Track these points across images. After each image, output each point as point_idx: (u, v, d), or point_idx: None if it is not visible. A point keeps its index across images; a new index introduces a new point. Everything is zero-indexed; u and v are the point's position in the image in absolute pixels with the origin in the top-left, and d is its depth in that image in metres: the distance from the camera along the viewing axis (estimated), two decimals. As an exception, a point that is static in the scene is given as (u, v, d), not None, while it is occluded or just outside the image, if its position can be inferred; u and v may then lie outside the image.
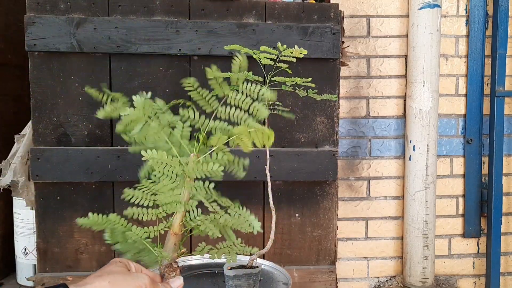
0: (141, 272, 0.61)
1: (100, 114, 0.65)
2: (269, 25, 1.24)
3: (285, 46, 0.74)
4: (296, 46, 0.73)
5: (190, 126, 0.68)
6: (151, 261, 0.65)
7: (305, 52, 0.65)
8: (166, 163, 0.63)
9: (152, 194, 0.67)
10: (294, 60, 0.76)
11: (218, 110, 0.67)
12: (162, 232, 0.68)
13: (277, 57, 0.77)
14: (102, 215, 0.65)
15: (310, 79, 0.67)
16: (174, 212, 0.65)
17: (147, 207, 0.68)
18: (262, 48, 0.82)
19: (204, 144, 0.66)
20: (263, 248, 0.70)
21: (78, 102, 1.22)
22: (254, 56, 0.80)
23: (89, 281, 0.54)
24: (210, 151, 0.65)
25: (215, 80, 0.67)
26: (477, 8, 1.68)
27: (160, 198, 0.65)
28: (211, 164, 0.62)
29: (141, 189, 0.67)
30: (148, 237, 0.67)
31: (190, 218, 0.65)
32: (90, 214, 0.65)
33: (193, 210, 0.66)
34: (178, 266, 0.63)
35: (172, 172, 0.64)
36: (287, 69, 0.96)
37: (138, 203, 0.67)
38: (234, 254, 0.70)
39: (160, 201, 0.65)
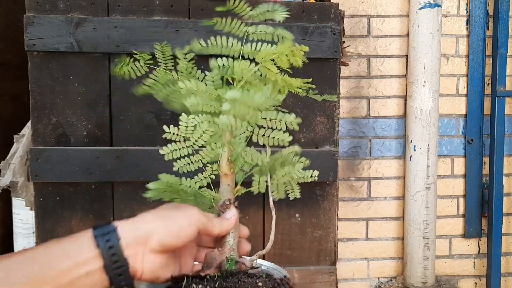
0: None
1: (141, 90, 0.59)
2: (269, 25, 1.23)
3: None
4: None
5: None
6: (205, 208, 0.62)
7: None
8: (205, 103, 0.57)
9: (189, 146, 0.64)
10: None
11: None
12: (213, 177, 0.65)
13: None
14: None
15: (310, 79, 0.66)
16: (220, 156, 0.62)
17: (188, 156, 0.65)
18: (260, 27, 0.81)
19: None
20: (263, 248, 0.70)
21: (77, 102, 1.21)
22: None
23: (137, 217, 0.51)
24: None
25: None
26: (478, 8, 1.67)
27: (200, 138, 0.61)
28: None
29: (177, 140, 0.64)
30: (202, 186, 0.64)
31: (236, 154, 0.61)
32: (161, 176, 0.63)
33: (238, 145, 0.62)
34: (231, 203, 0.60)
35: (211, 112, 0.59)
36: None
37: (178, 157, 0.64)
38: (296, 186, 0.67)
39: (206, 143, 0.62)
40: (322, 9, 1.27)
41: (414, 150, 1.60)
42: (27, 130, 1.37)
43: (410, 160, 1.61)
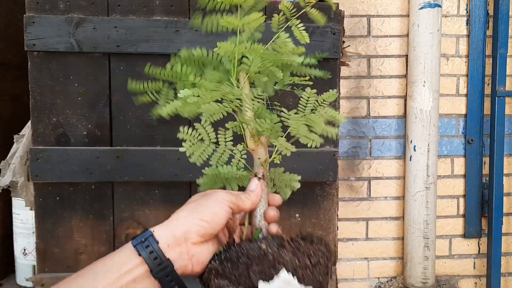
0: None
1: (165, 110, 0.55)
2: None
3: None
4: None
5: None
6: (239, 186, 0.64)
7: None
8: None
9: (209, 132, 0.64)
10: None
11: None
12: (245, 157, 0.65)
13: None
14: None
15: (307, 77, 0.66)
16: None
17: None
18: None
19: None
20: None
21: (77, 102, 1.21)
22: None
23: (170, 218, 0.53)
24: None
25: None
26: (478, 8, 1.67)
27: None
28: None
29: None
30: (241, 168, 0.65)
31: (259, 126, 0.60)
32: (206, 170, 0.63)
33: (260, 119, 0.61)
34: (255, 175, 0.61)
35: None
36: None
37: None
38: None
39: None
40: (322, 9, 1.27)
41: (414, 150, 1.60)
42: (27, 130, 1.37)
43: (410, 160, 1.61)
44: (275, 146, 0.64)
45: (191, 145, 0.63)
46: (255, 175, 0.61)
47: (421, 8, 1.55)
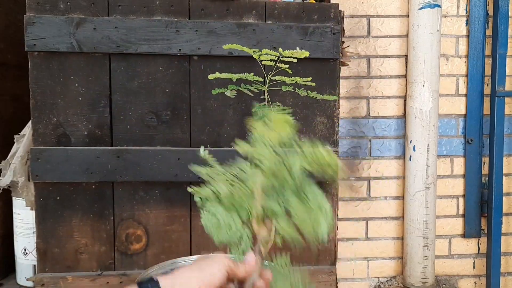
0: None
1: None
2: (269, 25, 1.24)
3: (286, 52, 0.74)
4: (298, 48, 0.73)
5: None
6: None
7: (307, 54, 0.65)
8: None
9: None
10: (295, 60, 0.76)
11: None
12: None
13: (278, 58, 0.77)
14: None
15: (310, 78, 0.67)
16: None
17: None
18: (264, 51, 0.81)
19: None
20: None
21: (77, 102, 1.21)
22: (254, 56, 0.80)
23: (175, 273, 0.58)
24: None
25: None
26: (478, 8, 1.68)
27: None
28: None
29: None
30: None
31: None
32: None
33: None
34: (254, 250, 0.67)
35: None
36: (287, 69, 0.96)
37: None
38: None
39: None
40: (322, 9, 1.27)
41: (414, 150, 1.60)
42: (27, 130, 1.37)
43: (410, 160, 1.62)
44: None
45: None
46: (253, 250, 0.66)
47: (421, 8, 1.56)
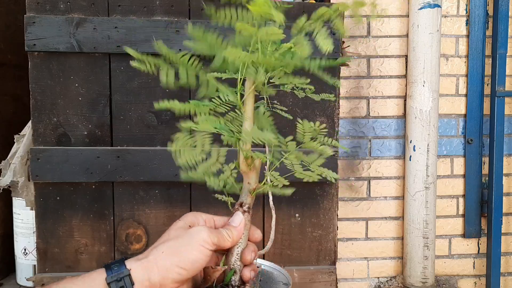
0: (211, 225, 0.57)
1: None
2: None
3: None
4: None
5: None
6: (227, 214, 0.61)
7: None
8: None
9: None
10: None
11: None
12: (235, 176, 0.62)
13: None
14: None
15: (308, 80, 0.66)
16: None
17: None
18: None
19: None
20: (263, 248, 0.70)
21: (78, 102, 1.21)
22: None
23: (146, 254, 0.52)
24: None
25: None
26: (478, 8, 1.68)
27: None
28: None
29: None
30: (224, 187, 0.62)
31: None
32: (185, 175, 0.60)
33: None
34: (240, 206, 0.58)
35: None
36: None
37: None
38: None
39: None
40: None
41: (414, 150, 1.60)
42: (27, 130, 1.37)
43: (410, 160, 1.62)
44: (267, 175, 0.61)
45: (181, 148, 0.60)
46: (241, 206, 0.59)
47: (421, 8, 1.56)
